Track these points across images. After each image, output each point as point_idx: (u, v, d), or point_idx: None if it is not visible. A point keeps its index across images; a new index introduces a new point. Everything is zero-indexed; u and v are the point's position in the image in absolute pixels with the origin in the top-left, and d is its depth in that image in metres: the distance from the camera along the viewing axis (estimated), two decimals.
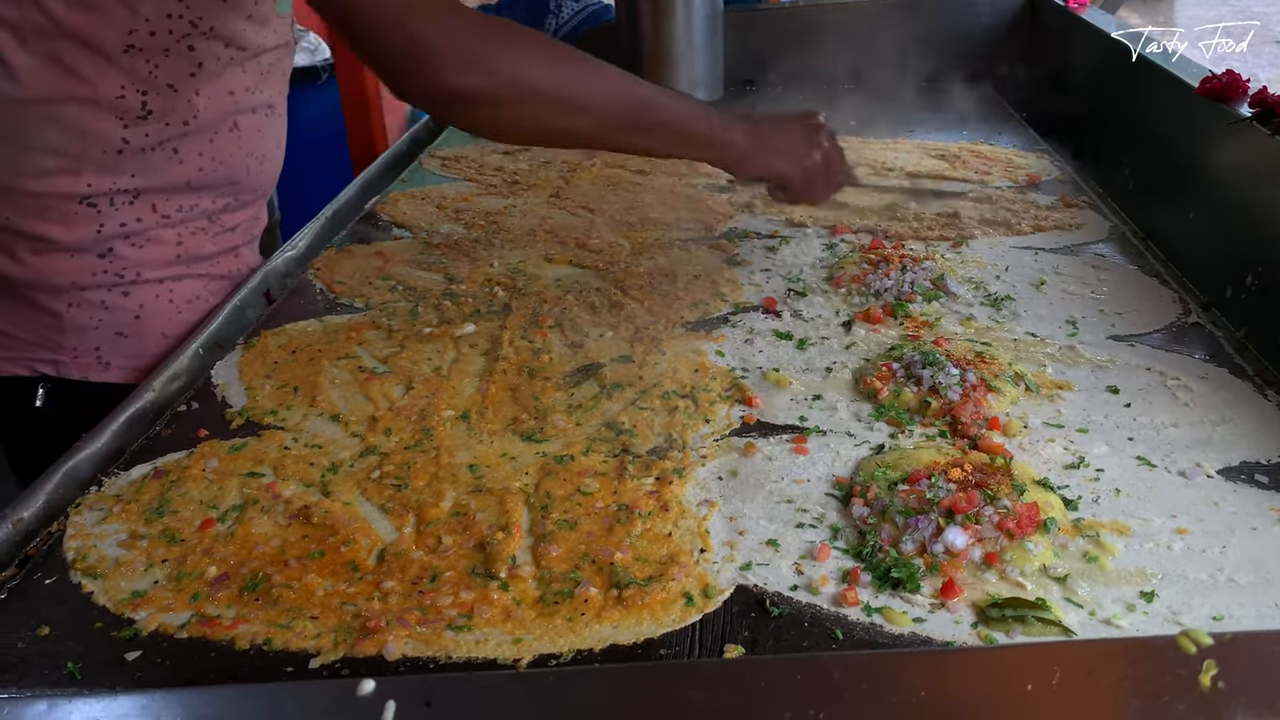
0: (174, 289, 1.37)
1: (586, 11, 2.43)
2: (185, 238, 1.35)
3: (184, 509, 0.99)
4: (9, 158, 1.23)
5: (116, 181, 1.26)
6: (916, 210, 1.67)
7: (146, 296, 1.34)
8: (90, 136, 1.23)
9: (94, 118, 1.22)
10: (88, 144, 1.23)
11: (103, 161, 1.25)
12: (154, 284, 1.34)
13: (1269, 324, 1.22)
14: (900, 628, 0.82)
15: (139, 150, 1.26)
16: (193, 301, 1.39)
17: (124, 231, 1.29)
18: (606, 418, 1.12)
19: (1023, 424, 1.09)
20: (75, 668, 0.80)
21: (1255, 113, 1.38)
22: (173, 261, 1.35)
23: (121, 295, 1.32)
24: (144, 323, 1.34)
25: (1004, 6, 2.41)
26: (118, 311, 1.32)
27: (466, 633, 0.82)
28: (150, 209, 1.30)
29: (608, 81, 1.21)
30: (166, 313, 1.36)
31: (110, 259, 1.30)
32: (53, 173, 1.23)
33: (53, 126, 1.22)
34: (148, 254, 1.32)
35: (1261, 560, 0.88)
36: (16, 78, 1.19)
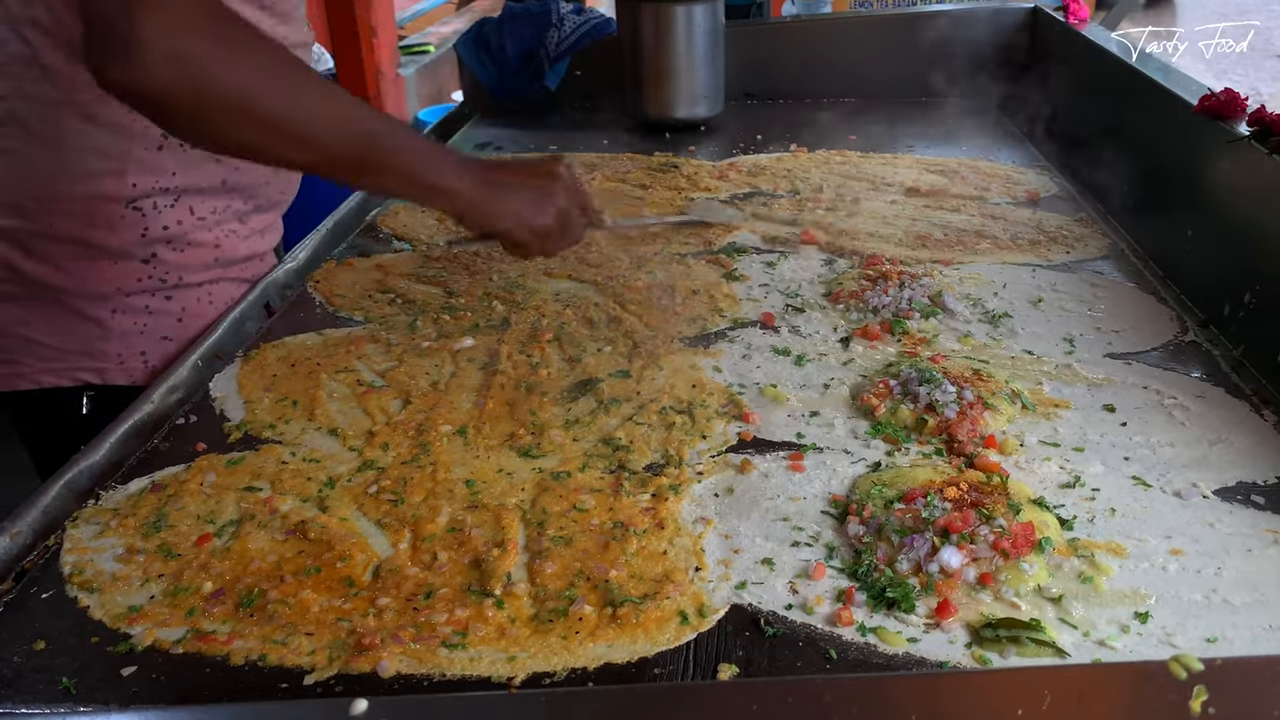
0: (212, 292, 1.39)
1: (589, 25, 2.44)
2: (221, 240, 1.38)
3: (181, 523, 0.99)
4: (54, 163, 1.24)
5: (159, 180, 1.28)
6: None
7: (188, 300, 1.37)
8: (131, 134, 1.24)
9: (134, 115, 1.15)
10: (130, 142, 1.25)
11: (145, 160, 1.26)
12: (194, 287, 1.37)
13: (1266, 342, 1.23)
14: (895, 648, 0.82)
15: (178, 145, 1.27)
16: (227, 303, 1.41)
17: (166, 235, 1.31)
18: (603, 433, 1.13)
19: (1019, 442, 1.09)
20: (70, 683, 0.80)
21: (1253, 131, 1.39)
22: (210, 265, 1.38)
23: (164, 300, 1.35)
24: (186, 326, 1.37)
25: (1005, 22, 2.41)
26: (161, 316, 1.35)
27: (461, 650, 0.82)
28: (189, 211, 1.32)
29: (335, 111, 1.08)
30: (206, 315, 1.39)
31: (154, 264, 1.32)
32: (99, 174, 1.25)
33: (94, 127, 1.23)
34: (188, 257, 1.35)
35: (1256, 582, 0.89)
36: (54, 80, 1.20)
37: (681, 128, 2.29)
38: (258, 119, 1.01)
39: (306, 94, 1.05)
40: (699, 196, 1.84)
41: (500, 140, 2.28)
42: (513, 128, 2.38)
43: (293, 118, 1.03)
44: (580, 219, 1.28)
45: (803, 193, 1.85)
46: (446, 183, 1.16)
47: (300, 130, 1.04)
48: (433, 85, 4.79)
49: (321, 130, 1.05)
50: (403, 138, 1.14)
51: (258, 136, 1.02)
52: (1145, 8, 6.99)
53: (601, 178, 1.97)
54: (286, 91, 1.03)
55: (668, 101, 2.26)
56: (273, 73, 1.03)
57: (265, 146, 1.05)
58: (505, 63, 2.44)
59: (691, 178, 1.94)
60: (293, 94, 1.04)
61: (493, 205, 1.19)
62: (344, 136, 1.07)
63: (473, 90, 2.56)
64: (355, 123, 1.08)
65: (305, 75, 1.07)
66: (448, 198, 1.17)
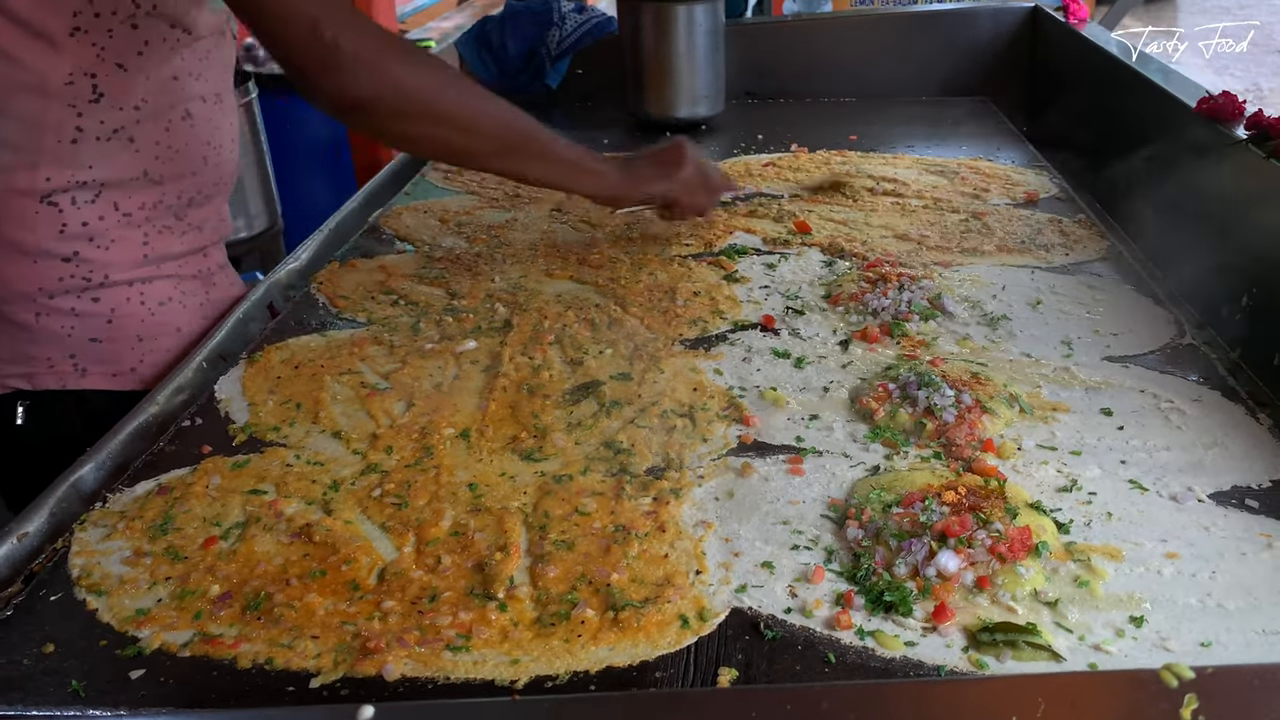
0: (145, 291, 1.36)
1: (590, 24, 2.45)
2: (152, 237, 1.35)
3: (187, 526, 1.00)
4: None
5: (75, 174, 1.25)
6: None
7: (117, 300, 1.34)
8: (44, 127, 1.22)
9: (45, 107, 1.21)
10: (42, 134, 1.22)
11: (59, 153, 1.24)
12: (124, 286, 1.34)
13: (1262, 344, 1.24)
14: (892, 651, 0.83)
15: (94, 139, 1.25)
16: (165, 303, 1.38)
17: (87, 232, 1.29)
18: (605, 436, 1.14)
19: (1017, 446, 1.10)
20: (80, 686, 0.81)
21: (1251, 135, 1.40)
22: (141, 262, 1.35)
23: (91, 300, 1.32)
24: (117, 327, 1.34)
25: (1005, 21, 2.42)
26: (89, 317, 1.32)
27: (465, 653, 0.84)
28: (112, 207, 1.30)
29: (496, 109, 1.36)
30: (139, 315, 1.36)
31: (76, 262, 1.29)
32: (9, 169, 1.22)
33: (3, 120, 1.21)
34: (114, 255, 1.32)
35: (1250, 586, 0.90)
36: None
37: (682, 127, 2.29)
38: (438, 115, 1.29)
39: (478, 98, 1.34)
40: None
41: None
42: None
43: (472, 117, 1.32)
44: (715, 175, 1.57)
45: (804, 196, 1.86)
46: (596, 166, 1.45)
47: (476, 126, 1.33)
48: None
49: (490, 125, 1.34)
50: (548, 133, 1.41)
51: (438, 130, 1.30)
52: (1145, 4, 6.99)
53: None
54: (465, 96, 1.33)
55: (668, 101, 2.27)
56: (442, 76, 1.31)
57: (444, 138, 1.33)
58: (507, 61, 2.45)
59: None
60: (469, 98, 1.33)
61: (639, 175, 1.49)
62: (506, 129, 1.36)
63: None
64: (514, 119, 1.37)
65: (468, 81, 1.37)
66: (597, 177, 1.46)
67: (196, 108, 1.36)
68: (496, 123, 1.35)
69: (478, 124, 1.32)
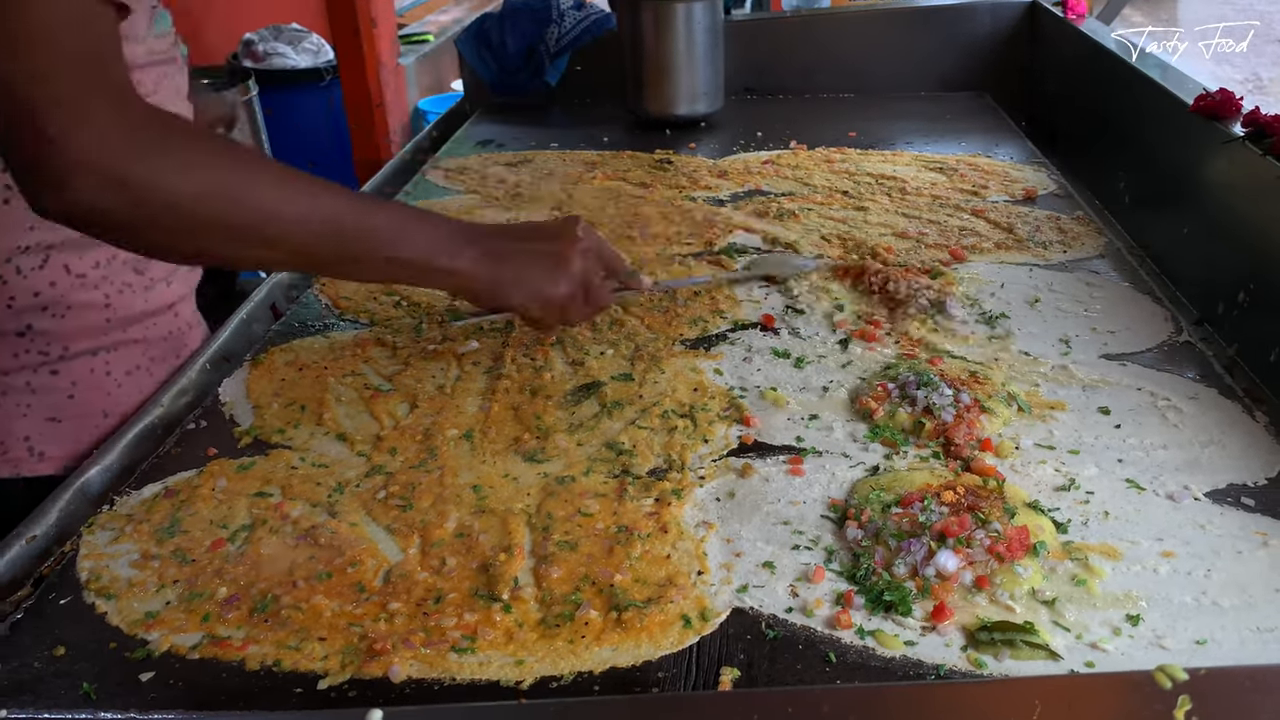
0: (110, 360, 1.23)
1: (589, 21, 2.45)
2: (113, 297, 1.21)
3: (194, 529, 1.01)
4: None
5: (16, 238, 1.13)
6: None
7: (79, 372, 1.21)
8: None
9: None
10: None
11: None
12: (86, 357, 1.21)
13: (1259, 341, 1.25)
14: (892, 650, 0.84)
15: None
16: (132, 373, 1.25)
17: (39, 302, 1.16)
18: (607, 437, 1.15)
19: (1015, 445, 1.11)
20: (91, 688, 0.82)
21: (1248, 132, 1.40)
22: (104, 328, 1.21)
23: (50, 374, 1.19)
24: (79, 403, 1.21)
25: (1004, 17, 2.42)
26: (47, 394, 1.19)
27: (470, 655, 0.85)
28: (63, 270, 1.16)
29: (303, 204, 0.98)
30: (104, 388, 1.22)
31: (30, 336, 1.17)
32: None
33: None
34: (72, 324, 1.19)
35: (1245, 584, 0.91)
36: None
37: (682, 124, 2.30)
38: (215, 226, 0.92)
39: (269, 189, 0.96)
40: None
41: (501, 137, 2.29)
42: (513, 124, 2.39)
43: (259, 218, 0.94)
44: (605, 283, 1.20)
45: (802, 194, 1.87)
46: (447, 263, 1.08)
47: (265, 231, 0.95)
48: (433, 74, 4.80)
49: (288, 225, 0.96)
50: (384, 217, 1.04)
51: (219, 244, 0.95)
52: None
53: (601, 176, 1.98)
54: (243, 192, 0.94)
55: (668, 98, 2.27)
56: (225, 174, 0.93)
57: (231, 253, 0.98)
58: (506, 59, 2.45)
59: (692, 178, 1.96)
60: (250, 193, 0.94)
61: (501, 280, 1.11)
62: (315, 227, 0.98)
63: (473, 86, 2.57)
64: (326, 211, 0.99)
65: (261, 169, 0.97)
66: (450, 277, 1.09)
67: None
68: (305, 221, 0.97)
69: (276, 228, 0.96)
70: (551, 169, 2.04)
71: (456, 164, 2.10)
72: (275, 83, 3.87)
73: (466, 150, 2.21)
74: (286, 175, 0.98)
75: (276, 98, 3.81)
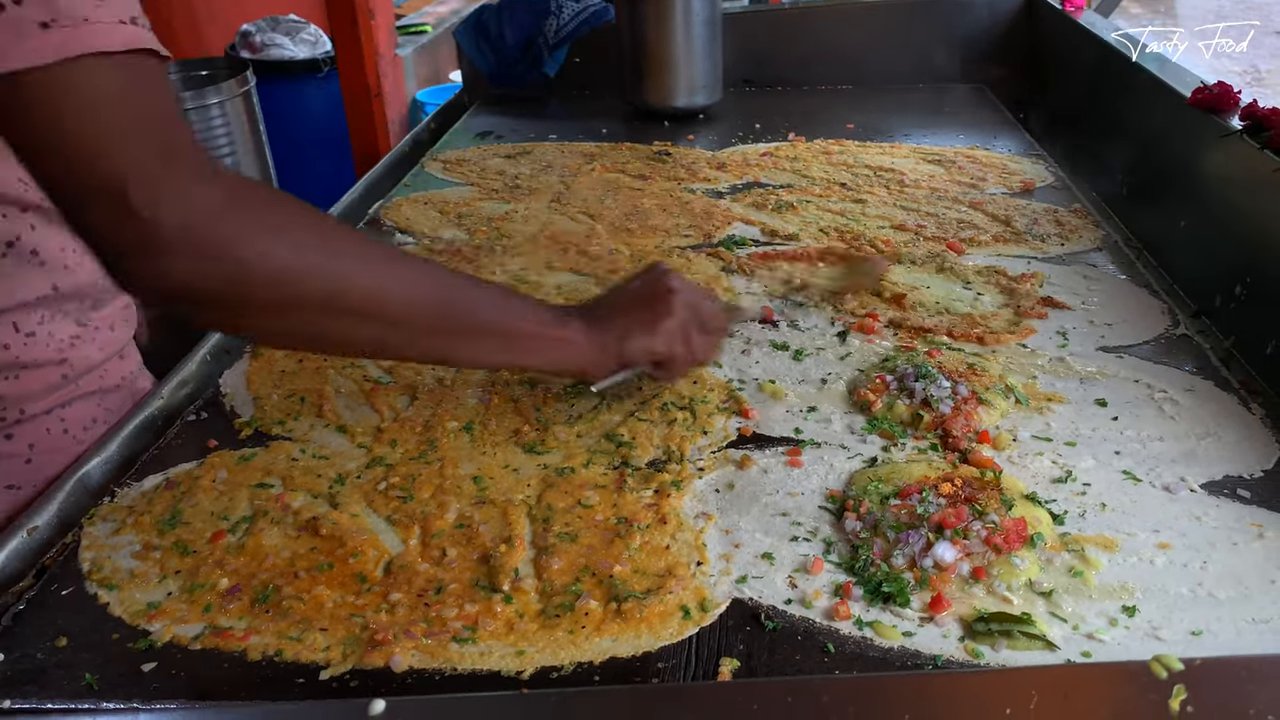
0: (65, 416, 1.16)
1: (587, 12, 2.45)
2: (67, 351, 1.14)
3: (195, 520, 1.01)
4: None
5: None
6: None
7: (35, 434, 1.13)
8: None
9: None
10: None
11: None
12: (42, 417, 1.14)
13: (1255, 333, 1.25)
14: (890, 641, 0.85)
15: None
16: (90, 427, 1.18)
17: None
18: (606, 429, 1.15)
19: (1012, 437, 1.11)
20: (93, 679, 0.83)
21: (1245, 125, 1.41)
22: (60, 384, 1.14)
23: (4, 439, 1.12)
24: (36, 467, 1.13)
25: (1002, 9, 2.42)
26: (4, 461, 1.12)
27: (471, 645, 0.85)
28: (12, 329, 1.08)
29: (406, 277, 0.95)
30: (62, 447, 1.15)
31: None
32: None
33: None
34: (28, 384, 1.11)
35: (1241, 575, 0.91)
36: None
37: (680, 116, 2.30)
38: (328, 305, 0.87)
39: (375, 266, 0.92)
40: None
41: (500, 128, 2.29)
42: (512, 116, 2.39)
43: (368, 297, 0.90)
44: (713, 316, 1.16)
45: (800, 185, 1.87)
46: (556, 333, 1.04)
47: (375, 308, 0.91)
48: (430, 65, 4.79)
49: (398, 303, 0.92)
50: (486, 296, 1.02)
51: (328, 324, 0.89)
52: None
53: (600, 167, 1.99)
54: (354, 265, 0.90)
55: (666, 90, 2.27)
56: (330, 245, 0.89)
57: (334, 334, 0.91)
58: (504, 51, 2.45)
59: (690, 170, 1.96)
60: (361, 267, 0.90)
61: (615, 335, 1.08)
62: (425, 305, 0.95)
63: (472, 78, 2.57)
64: (433, 288, 0.96)
65: (360, 242, 0.93)
66: (561, 348, 1.05)
67: None
68: (414, 299, 0.94)
69: (385, 307, 0.92)
70: (550, 161, 2.04)
71: (455, 155, 2.10)
72: (273, 74, 3.86)
73: (465, 142, 2.21)
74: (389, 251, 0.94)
75: (274, 89, 3.80)
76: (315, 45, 4.16)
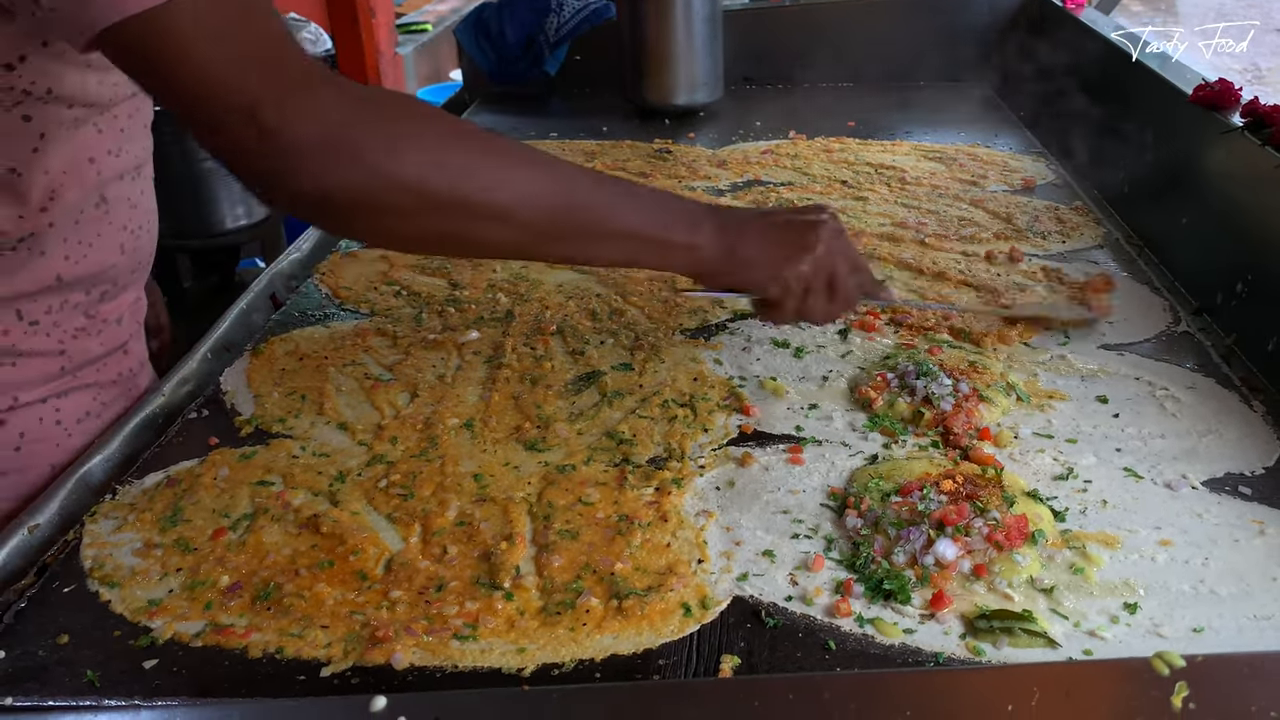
0: (60, 407, 1.15)
1: (588, 10, 2.45)
2: (67, 342, 1.13)
3: (196, 518, 1.01)
4: None
5: None
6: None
7: (28, 422, 1.12)
8: None
9: None
10: None
11: None
12: (35, 405, 1.12)
13: (1257, 330, 1.25)
14: (891, 639, 0.85)
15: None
16: (83, 420, 1.17)
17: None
18: (607, 426, 1.15)
19: (1013, 434, 1.11)
20: (95, 676, 0.83)
21: (1247, 122, 1.41)
22: (57, 375, 1.13)
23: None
24: (26, 455, 1.12)
25: (1003, 6, 2.42)
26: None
27: (472, 642, 0.85)
28: (15, 316, 1.08)
29: (533, 176, 0.94)
30: (53, 438, 1.14)
31: None
32: None
33: None
34: (23, 372, 1.10)
35: (1242, 572, 0.91)
36: None
37: (681, 114, 2.30)
38: (459, 205, 0.89)
39: (503, 165, 0.92)
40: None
41: (500, 126, 2.29)
42: (513, 114, 2.39)
43: (496, 195, 0.90)
44: (851, 277, 1.10)
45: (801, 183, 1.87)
46: (684, 237, 1.01)
47: (504, 207, 0.91)
48: (431, 64, 4.80)
49: (525, 203, 0.92)
50: (615, 194, 1.00)
51: (460, 225, 0.90)
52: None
53: (601, 166, 1.98)
54: (483, 165, 0.90)
55: (667, 87, 2.27)
56: (460, 145, 0.90)
57: (465, 234, 0.92)
58: (505, 48, 2.45)
59: (691, 167, 1.96)
60: (489, 167, 0.91)
61: (739, 255, 1.04)
62: (551, 204, 0.94)
63: (472, 76, 2.57)
64: (561, 186, 0.95)
65: (488, 141, 0.94)
66: (685, 253, 1.03)
67: (114, 190, 1.12)
68: (541, 198, 0.94)
69: (513, 206, 0.92)
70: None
71: None
72: None
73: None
74: (518, 150, 0.96)
75: None
76: (316, 44, 4.15)
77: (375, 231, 0.93)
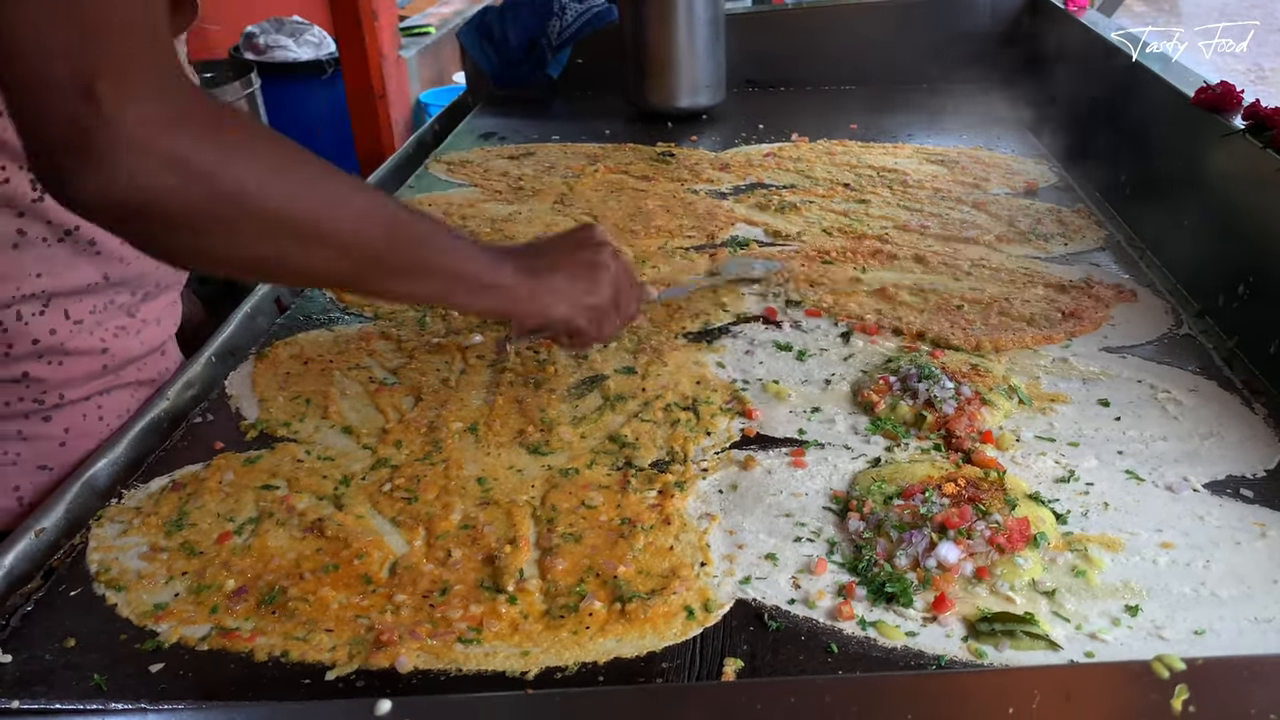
0: (103, 404, 1.19)
1: (590, 13, 2.45)
2: (110, 341, 1.16)
3: (202, 522, 1.02)
4: None
5: (19, 286, 1.07)
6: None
7: (72, 419, 1.16)
8: None
9: None
10: None
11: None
12: (80, 403, 1.16)
13: (1259, 333, 1.25)
14: (893, 641, 0.85)
15: (39, 241, 1.06)
16: (123, 417, 1.21)
17: (37, 350, 1.10)
18: (610, 430, 1.15)
19: (1015, 437, 1.12)
20: (101, 679, 0.83)
21: (1248, 125, 1.41)
22: (99, 373, 1.17)
23: (42, 422, 1.14)
24: (70, 450, 1.16)
25: (1004, 10, 2.42)
26: (39, 442, 1.14)
27: (476, 645, 0.86)
28: (63, 315, 1.11)
29: (366, 206, 0.89)
30: (95, 434, 1.18)
31: (26, 384, 1.11)
32: None
33: None
34: (69, 370, 1.14)
35: (1243, 574, 0.92)
36: None
37: (683, 117, 2.31)
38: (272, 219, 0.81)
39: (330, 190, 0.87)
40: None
41: (503, 129, 2.29)
42: (515, 117, 2.40)
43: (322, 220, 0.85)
44: (633, 290, 1.16)
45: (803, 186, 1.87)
46: (488, 275, 1.00)
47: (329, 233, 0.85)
48: (434, 67, 4.80)
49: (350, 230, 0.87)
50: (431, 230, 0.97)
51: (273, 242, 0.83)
52: None
53: (603, 169, 1.99)
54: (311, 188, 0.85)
55: (670, 90, 2.27)
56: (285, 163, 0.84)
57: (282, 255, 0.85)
58: (508, 52, 2.46)
59: (694, 170, 1.96)
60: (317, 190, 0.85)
61: (542, 293, 1.05)
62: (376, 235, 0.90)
63: (475, 79, 2.58)
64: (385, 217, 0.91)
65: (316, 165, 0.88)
66: (495, 295, 1.01)
67: None
68: (366, 227, 0.88)
69: (338, 232, 0.86)
70: (553, 162, 2.05)
71: (459, 157, 2.10)
72: (277, 75, 3.87)
73: (468, 143, 2.21)
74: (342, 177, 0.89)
75: (278, 90, 3.81)
76: (319, 47, 4.17)
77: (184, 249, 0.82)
